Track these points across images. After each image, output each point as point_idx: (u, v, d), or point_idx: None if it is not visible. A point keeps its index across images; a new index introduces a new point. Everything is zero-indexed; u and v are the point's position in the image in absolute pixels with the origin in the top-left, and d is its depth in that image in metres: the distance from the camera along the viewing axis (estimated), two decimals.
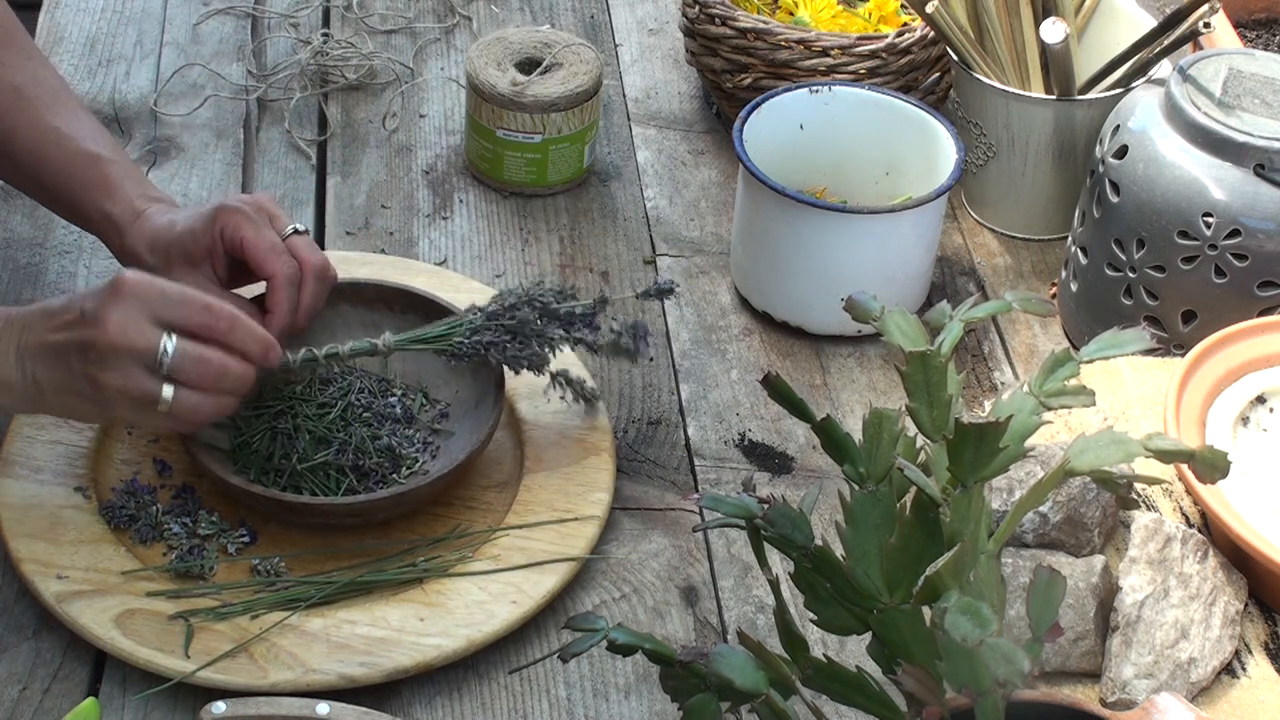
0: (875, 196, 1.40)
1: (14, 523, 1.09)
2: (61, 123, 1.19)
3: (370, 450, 1.14)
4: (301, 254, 1.15)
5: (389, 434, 1.16)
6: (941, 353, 0.87)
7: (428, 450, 1.17)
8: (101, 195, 1.17)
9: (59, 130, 1.18)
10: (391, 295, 1.21)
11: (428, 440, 1.17)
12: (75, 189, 1.17)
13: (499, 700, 1.04)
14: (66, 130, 1.18)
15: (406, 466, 1.15)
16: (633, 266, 1.39)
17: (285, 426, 1.14)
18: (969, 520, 0.82)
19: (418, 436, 1.17)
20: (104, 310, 1.00)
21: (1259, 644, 1.06)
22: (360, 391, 1.18)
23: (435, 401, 1.20)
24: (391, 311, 1.21)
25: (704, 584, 1.13)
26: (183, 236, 1.14)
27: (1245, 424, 1.15)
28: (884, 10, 1.53)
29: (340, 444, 1.13)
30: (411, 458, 1.15)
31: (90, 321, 1.00)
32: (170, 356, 1.01)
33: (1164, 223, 1.22)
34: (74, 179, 1.17)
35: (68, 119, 1.19)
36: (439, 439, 1.18)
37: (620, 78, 1.62)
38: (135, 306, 1.00)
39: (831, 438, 0.86)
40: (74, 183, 1.17)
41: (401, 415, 1.17)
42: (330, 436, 1.14)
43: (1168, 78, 1.25)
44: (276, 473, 1.12)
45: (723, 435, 1.24)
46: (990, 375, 1.31)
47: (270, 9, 1.66)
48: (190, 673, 1.00)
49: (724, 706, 0.83)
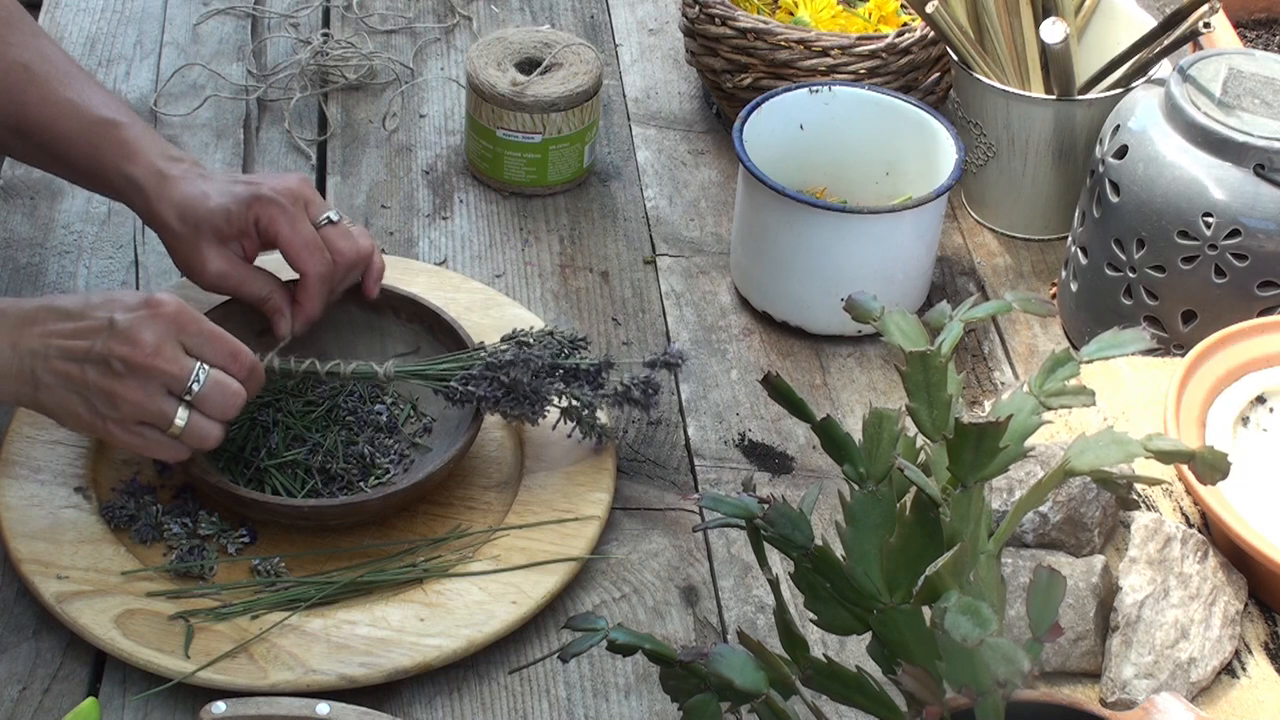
0: (875, 196, 1.40)
1: (14, 523, 1.09)
2: (74, 94, 1.18)
3: (340, 455, 1.14)
4: (335, 245, 1.15)
5: (367, 441, 1.15)
6: (941, 353, 0.87)
7: (402, 463, 1.16)
8: (121, 159, 1.16)
9: (72, 101, 1.18)
10: (399, 303, 1.21)
11: (404, 452, 1.17)
12: (94, 156, 1.17)
13: (499, 700, 1.04)
14: (79, 100, 1.18)
15: (375, 476, 1.14)
16: (633, 266, 1.39)
17: (265, 419, 1.14)
18: (969, 520, 0.82)
19: (396, 447, 1.17)
20: (138, 329, 1.01)
21: (1259, 644, 1.06)
22: (350, 395, 1.18)
23: (422, 415, 1.19)
24: (398, 319, 1.21)
25: (704, 584, 1.13)
26: (215, 214, 1.14)
27: (1245, 424, 1.15)
28: (884, 10, 1.53)
29: (313, 445, 1.13)
30: (383, 468, 1.15)
31: (121, 336, 1.01)
32: (202, 386, 1.03)
33: (1164, 223, 1.22)
34: (92, 146, 1.17)
35: (79, 90, 1.19)
36: (416, 452, 1.17)
37: (620, 78, 1.62)
38: (169, 332, 1.02)
39: (831, 438, 0.86)
40: (92, 150, 1.17)
41: (385, 424, 1.17)
42: (306, 436, 1.14)
43: (1168, 78, 1.25)
44: (245, 465, 1.12)
45: (723, 435, 1.24)
46: (990, 375, 1.31)
47: (270, 9, 1.66)
48: (190, 673, 1.00)
49: (724, 706, 0.83)
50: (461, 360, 1.15)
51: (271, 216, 1.13)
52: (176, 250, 1.16)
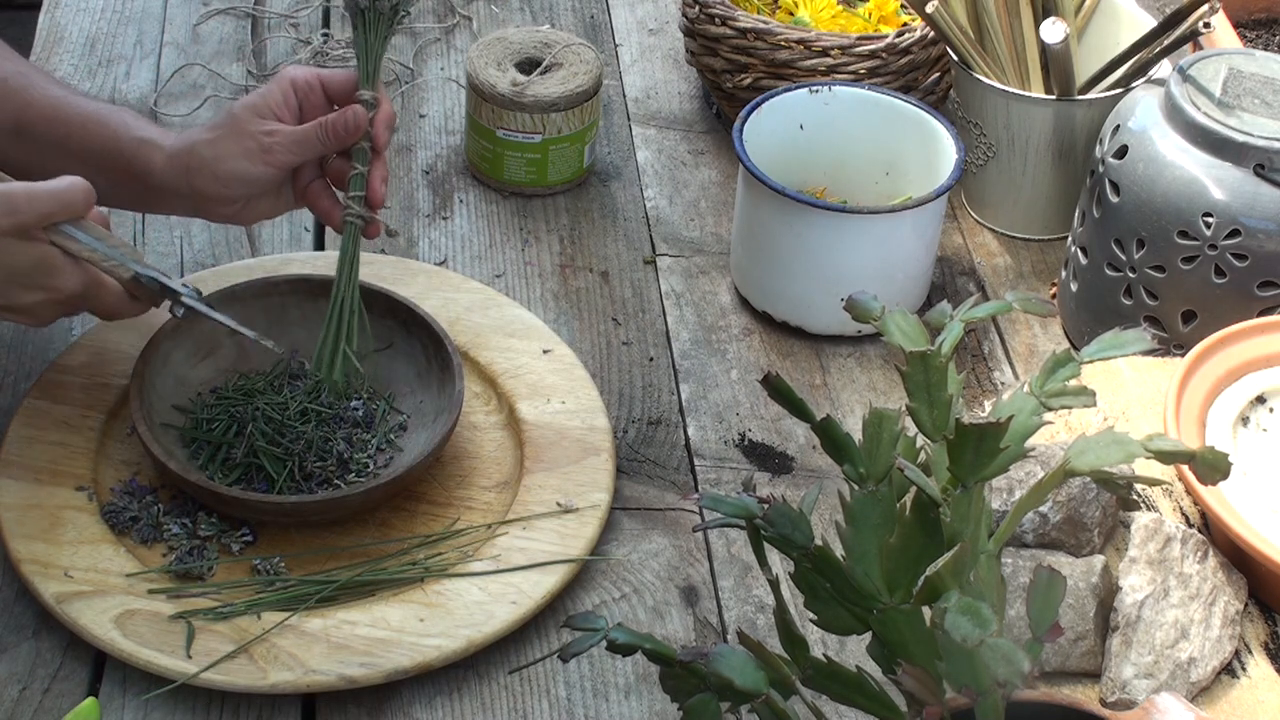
0: (875, 196, 1.40)
1: (14, 523, 1.09)
2: (63, 91, 1.21)
3: (315, 449, 1.14)
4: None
5: (344, 438, 1.16)
6: (941, 353, 0.87)
7: (381, 457, 1.16)
8: (131, 127, 1.18)
9: (65, 95, 1.20)
10: (372, 298, 1.21)
11: (381, 446, 1.17)
12: (103, 132, 1.18)
13: (499, 700, 1.04)
14: (71, 94, 1.21)
15: (356, 472, 1.15)
16: (633, 266, 1.39)
17: (242, 415, 1.15)
18: (969, 520, 0.82)
19: (373, 442, 1.17)
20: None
21: (1259, 644, 1.06)
22: (327, 391, 1.18)
23: (399, 412, 1.20)
24: (371, 314, 1.21)
25: (704, 584, 1.13)
26: (245, 104, 1.17)
27: (1245, 424, 1.15)
28: (884, 10, 1.53)
29: (290, 441, 1.14)
30: (362, 463, 1.15)
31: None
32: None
33: (1164, 223, 1.22)
34: (99, 124, 1.18)
35: (63, 89, 1.22)
36: (392, 450, 1.17)
37: (620, 78, 1.62)
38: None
39: (831, 438, 0.86)
40: (101, 126, 1.18)
41: (362, 419, 1.18)
42: (284, 430, 1.14)
43: (1168, 78, 1.25)
44: (225, 461, 1.13)
45: (723, 435, 1.24)
46: (990, 375, 1.31)
47: (270, 9, 1.66)
48: (192, 675, 1.00)
49: (724, 706, 0.83)
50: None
51: (305, 71, 1.17)
52: (221, 151, 1.16)
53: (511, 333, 1.27)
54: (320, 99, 1.18)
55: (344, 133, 1.16)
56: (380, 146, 1.18)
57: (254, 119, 1.16)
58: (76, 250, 1.07)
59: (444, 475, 1.17)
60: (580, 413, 1.20)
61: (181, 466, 1.10)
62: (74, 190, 1.07)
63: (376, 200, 1.18)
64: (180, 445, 1.15)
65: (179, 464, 1.10)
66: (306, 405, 1.16)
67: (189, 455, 1.14)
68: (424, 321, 1.20)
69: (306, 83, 1.18)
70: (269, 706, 1.02)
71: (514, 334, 1.27)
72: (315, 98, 1.18)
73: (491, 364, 1.24)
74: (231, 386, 1.19)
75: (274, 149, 1.15)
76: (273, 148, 1.15)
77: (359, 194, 1.17)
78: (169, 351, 1.17)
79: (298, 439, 1.14)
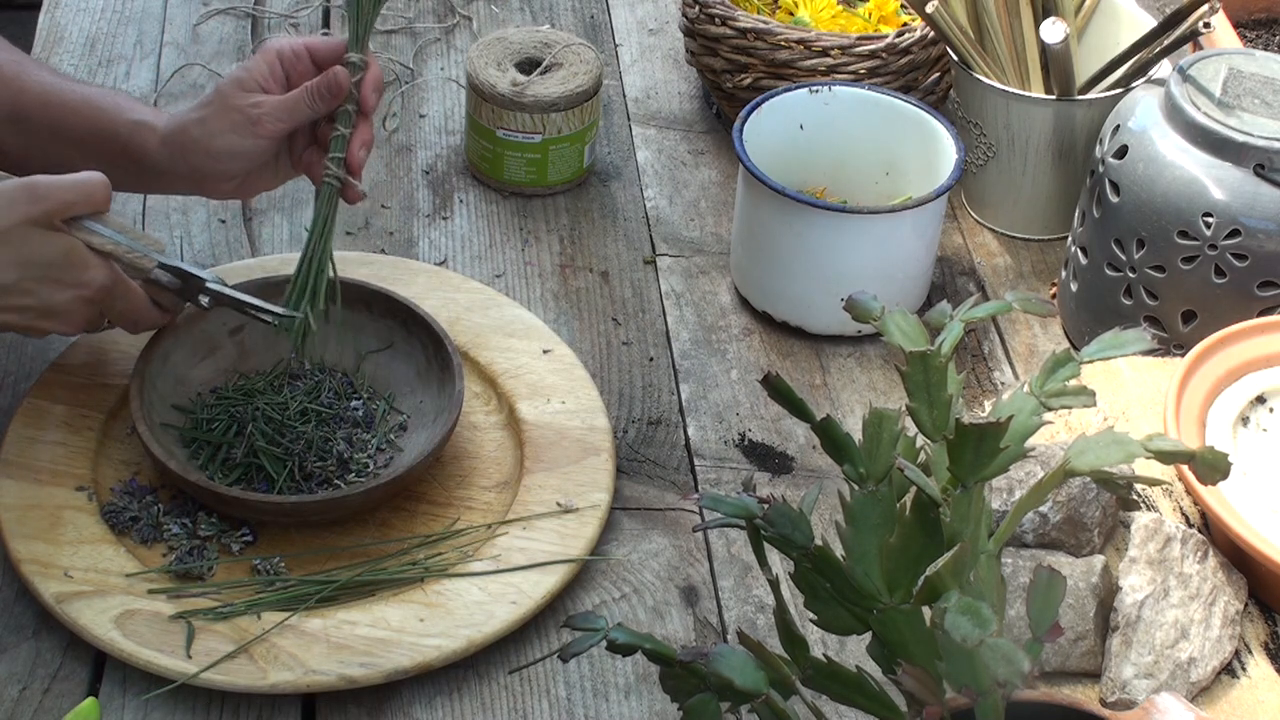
0: (875, 196, 1.40)
1: (14, 523, 1.09)
2: (56, 78, 1.21)
3: (316, 449, 1.14)
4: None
5: (344, 438, 1.16)
6: (941, 353, 0.87)
7: (381, 457, 1.16)
8: (125, 110, 1.19)
9: (58, 80, 1.21)
10: (372, 298, 1.21)
11: (381, 446, 1.17)
12: (97, 115, 1.19)
13: (499, 700, 1.04)
14: (64, 80, 1.21)
15: (356, 472, 1.15)
16: (633, 266, 1.39)
17: (242, 415, 1.15)
18: (969, 520, 0.82)
19: (373, 442, 1.17)
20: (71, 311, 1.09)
21: (1259, 644, 1.06)
22: (327, 391, 1.18)
23: (399, 412, 1.20)
24: (371, 314, 1.21)
25: (704, 584, 1.13)
26: (231, 78, 1.16)
27: (1245, 424, 1.15)
28: (884, 10, 1.53)
29: (290, 441, 1.14)
30: (362, 463, 1.15)
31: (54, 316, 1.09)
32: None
33: (1164, 223, 1.22)
34: (94, 107, 1.19)
35: (57, 76, 1.22)
36: (392, 450, 1.17)
37: (620, 78, 1.62)
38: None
39: (831, 438, 0.86)
40: (95, 110, 1.19)
41: (362, 419, 1.18)
42: (284, 430, 1.14)
43: (1168, 78, 1.25)
44: (225, 461, 1.13)
45: (723, 435, 1.24)
46: (990, 375, 1.31)
47: (270, 9, 1.66)
48: (192, 675, 1.00)
49: (724, 706, 0.83)
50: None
51: (290, 45, 1.17)
52: (211, 128, 1.16)
53: (511, 333, 1.27)
54: (308, 67, 1.18)
55: (328, 94, 1.16)
56: (367, 109, 1.18)
57: (239, 93, 1.16)
58: (99, 244, 1.08)
59: (444, 475, 1.17)
60: (580, 413, 1.20)
61: (181, 466, 1.10)
62: (94, 182, 1.08)
63: (354, 164, 1.18)
64: (180, 445, 1.15)
65: (179, 464, 1.10)
66: (306, 405, 1.17)
67: (189, 455, 1.14)
68: (424, 321, 1.20)
69: (293, 52, 1.18)
70: (269, 706, 1.02)
71: (514, 334, 1.27)
72: (303, 66, 1.18)
73: (491, 364, 1.24)
74: (231, 386, 1.19)
75: (262, 119, 1.15)
76: (261, 119, 1.15)
77: (339, 155, 1.17)
78: (169, 351, 1.17)
79: (298, 439, 1.14)
